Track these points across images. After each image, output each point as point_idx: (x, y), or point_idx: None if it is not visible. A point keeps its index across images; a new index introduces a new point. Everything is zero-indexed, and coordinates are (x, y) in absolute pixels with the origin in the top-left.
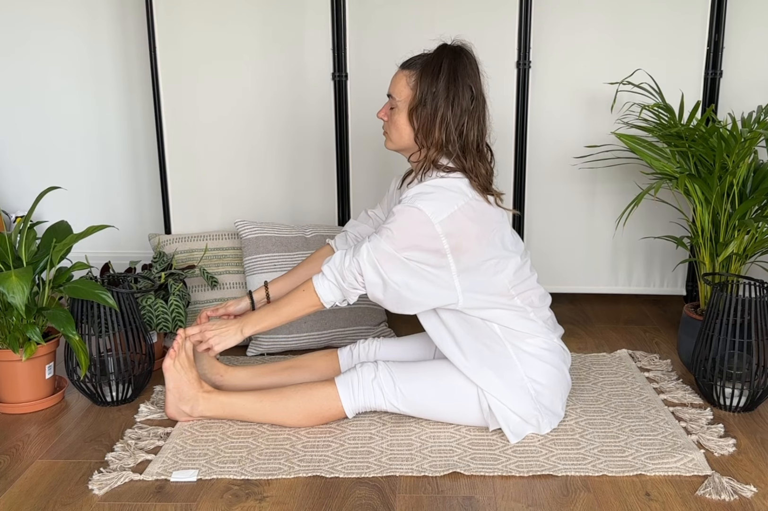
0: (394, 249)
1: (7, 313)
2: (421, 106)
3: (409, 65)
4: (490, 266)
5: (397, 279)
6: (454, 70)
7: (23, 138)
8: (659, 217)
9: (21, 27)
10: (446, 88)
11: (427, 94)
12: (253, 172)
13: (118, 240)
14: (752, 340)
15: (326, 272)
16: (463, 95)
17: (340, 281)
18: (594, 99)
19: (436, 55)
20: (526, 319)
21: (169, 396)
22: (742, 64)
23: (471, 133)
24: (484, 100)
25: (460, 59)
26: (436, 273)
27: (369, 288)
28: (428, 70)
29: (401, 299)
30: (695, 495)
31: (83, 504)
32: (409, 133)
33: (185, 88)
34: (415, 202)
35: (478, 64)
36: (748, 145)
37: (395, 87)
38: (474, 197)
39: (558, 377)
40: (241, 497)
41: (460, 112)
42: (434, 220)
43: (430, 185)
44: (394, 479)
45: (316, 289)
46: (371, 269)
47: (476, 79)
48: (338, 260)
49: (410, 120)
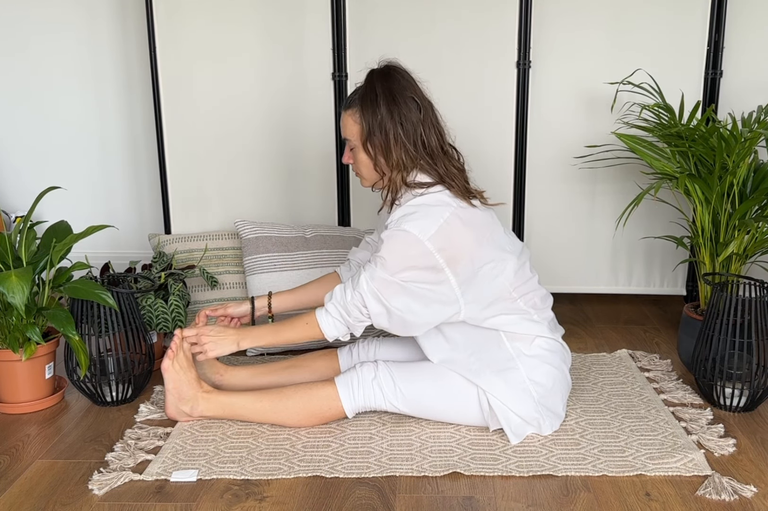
0: (390, 274)
1: (7, 313)
2: (372, 136)
3: (349, 104)
4: (488, 271)
5: (397, 304)
6: (389, 90)
7: (23, 138)
8: (659, 217)
9: (21, 27)
10: (389, 111)
11: (372, 123)
12: (253, 172)
13: (118, 240)
14: (752, 340)
15: (330, 308)
16: (409, 109)
17: (345, 316)
18: (594, 99)
19: (367, 84)
20: (530, 321)
21: (169, 397)
22: (742, 64)
23: (431, 139)
24: (430, 104)
25: (391, 78)
26: (437, 289)
27: (374, 319)
28: (366, 101)
29: (406, 323)
30: (695, 495)
31: (83, 504)
32: (382, 163)
33: (185, 88)
34: (401, 225)
35: (410, 73)
36: (748, 145)
37: (345, 129)
38: (459, 206)
39: (559, 377)
40: (241, 497)
41: (413, 126)
42: (423, 238)
43: (412, 205)
44: (394, 479)
45: (321, 325)
46: (373, 299)
47: (414, 89)
48: (339, 296)
49: (367, 152)
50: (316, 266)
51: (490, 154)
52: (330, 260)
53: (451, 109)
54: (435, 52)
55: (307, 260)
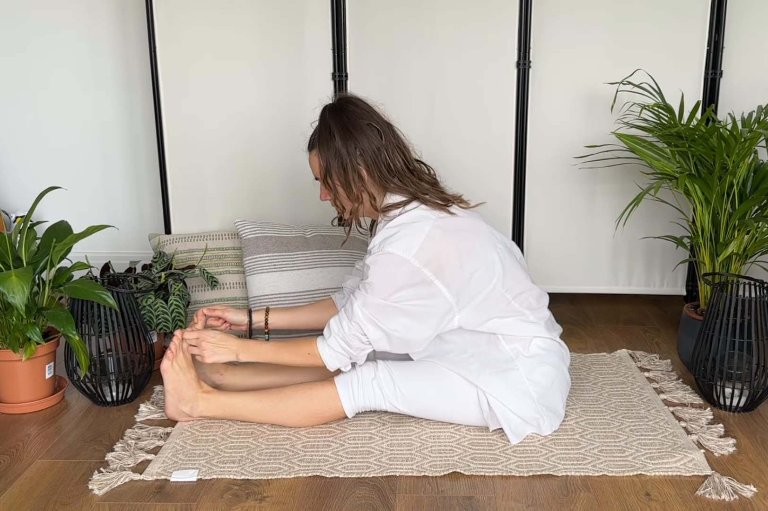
0: (382, 298)
1: (7, 313)
2: (331, 170)
3: (311, 144)
4: (482, 274)
5: (395, 326)
6: (342, 124)
7: (23, 138)
8: (659, 217)
9: (21, 27)
10: (344, 144)
11: (330, 158)
12: (253, 172)
13: (118, 240)
14: (752, 340)
15: (332, 343)
16: (368, 137)
17: (346, 348)
18: (594, 99)
19: (321, 121)
20: (527, 322)
21: (169, 397)
22: (742, 64)
23: (396, 162)
24: (389, 127)
25: (344, 111)
26: (430, 303)
27: (375, 344)
28: (322, 138)
29: (405, 341)
30: (695, 495)
31: (83, 504)
32: (344, 196)
33: (185, 88)
34: (384, 248)
35: (365, 101)
36: (748, 145)
37: (313, 169)
38: (438, 217)
39: (558, 377)
40: (241, 497)
41: (374, 152)
42: (408, 256)
43: (391, 227)
44: (394, 479)
45: (324, 358)
46: (371, 325)
47: (372, 116)
48: (336, 329)
49: (328, 187)
50: (316, 266)
51: (490, 154)
52: (330, 260)
53: (451, 110)
54: (435, 52)
55: (307, 260)
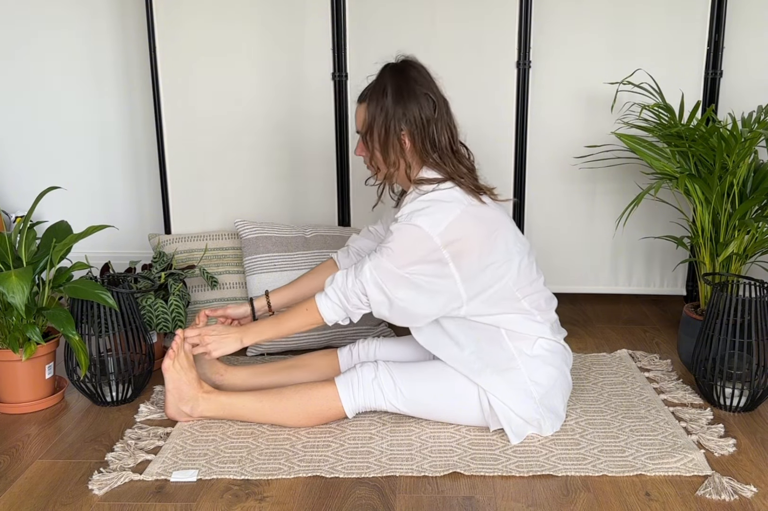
0: (396, 266)
1: (7, 313)
2: (373, 129)
3: (362, 96)
4: (494, 270)
5: (402, 295)
6: (398, 86)
7: (23, 138)
8: (659, 217)
9: (21, 27)
10: (395, 106)
11: (376, 116)
12: (253, 172)
13: (118, 240)
14: (752, 340)
15: (330, 293)
16: (420, 106)
17: (344, 301)
18: (594, 99)
19: (379, 78)
20: (533, 321)
21: (169, 397)
22: (742, 64)
23: (442, 138)
24: (445, 102)
25: (406, 73)
26: (440, 282)
27: (374, 307)
28: (374, 94)
29: (407, 313)
30: (695, 495)
31: (83, 504)
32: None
33: (185, 87)
34: (412, 219)
35: (427, 69)
36: (748, 145)
37: (357, 121)
38: (470, 203)
39: (560, 378)
40: (241, 497)
41: (422, 123)
42: (432, 233)
43: (424, 200)
44: (394, 479)
45: (320, 309)
46: (375, 288)
47: (431, 85)
48: (341, 281)
49: (366, 144)
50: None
51: (490, 154)
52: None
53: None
54: (435, 52)
55: (307, 260)
